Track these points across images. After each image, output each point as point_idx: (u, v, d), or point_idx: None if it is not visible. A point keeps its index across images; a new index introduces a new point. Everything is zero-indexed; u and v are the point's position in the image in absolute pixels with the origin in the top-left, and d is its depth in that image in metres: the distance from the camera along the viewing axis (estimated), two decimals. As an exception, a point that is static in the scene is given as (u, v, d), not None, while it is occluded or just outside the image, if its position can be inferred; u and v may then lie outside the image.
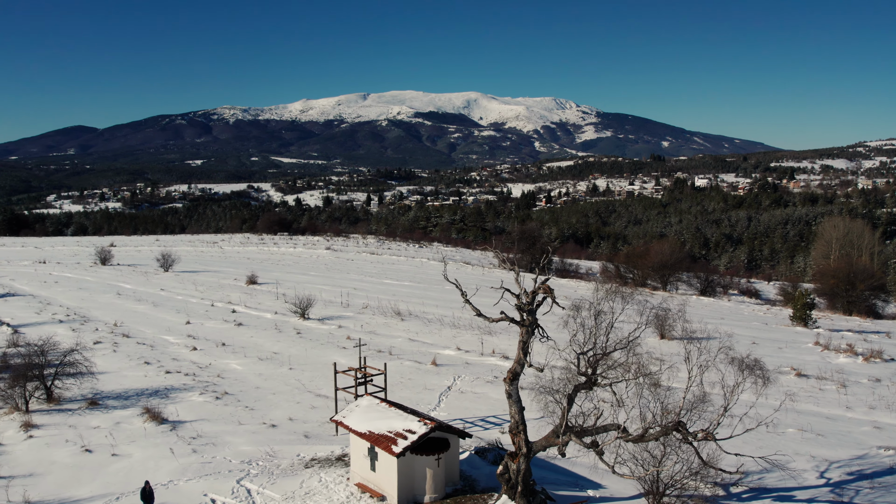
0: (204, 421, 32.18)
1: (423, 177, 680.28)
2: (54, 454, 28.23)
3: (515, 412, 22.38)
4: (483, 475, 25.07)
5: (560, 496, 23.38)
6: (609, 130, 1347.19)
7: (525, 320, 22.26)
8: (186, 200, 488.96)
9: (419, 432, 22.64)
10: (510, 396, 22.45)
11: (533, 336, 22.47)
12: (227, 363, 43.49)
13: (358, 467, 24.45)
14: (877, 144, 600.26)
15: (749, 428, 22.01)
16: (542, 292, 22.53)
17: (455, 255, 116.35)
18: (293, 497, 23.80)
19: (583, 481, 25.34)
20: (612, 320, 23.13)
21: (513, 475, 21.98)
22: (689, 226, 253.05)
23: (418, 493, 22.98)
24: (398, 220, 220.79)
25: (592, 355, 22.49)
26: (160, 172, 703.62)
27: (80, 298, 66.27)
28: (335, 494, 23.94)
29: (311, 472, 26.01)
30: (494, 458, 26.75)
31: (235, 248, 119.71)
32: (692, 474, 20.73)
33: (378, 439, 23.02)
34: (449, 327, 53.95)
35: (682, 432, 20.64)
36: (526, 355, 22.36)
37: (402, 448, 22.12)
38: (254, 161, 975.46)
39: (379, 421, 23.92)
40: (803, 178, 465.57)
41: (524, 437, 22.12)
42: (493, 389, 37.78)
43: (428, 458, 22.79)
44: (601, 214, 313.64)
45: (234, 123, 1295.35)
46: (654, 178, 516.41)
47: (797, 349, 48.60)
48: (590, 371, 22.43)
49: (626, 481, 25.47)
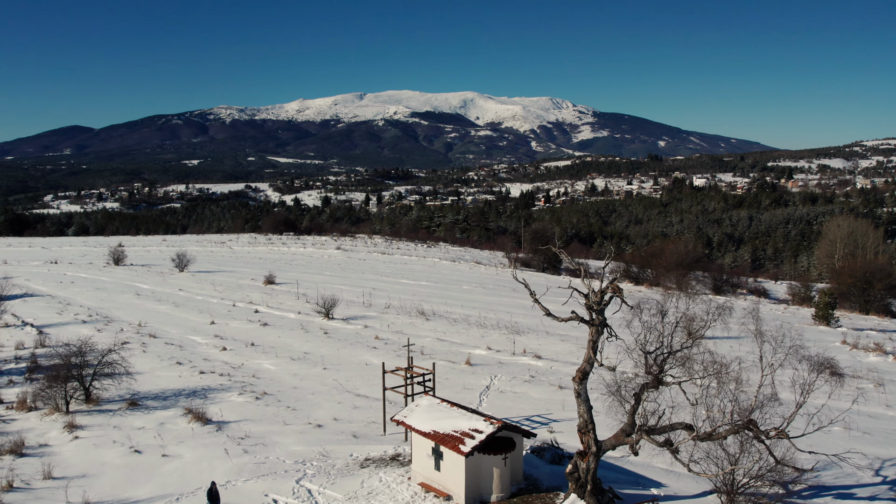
0: (248, 421, 32.13)
1: (421, 177, 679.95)
2: (104, 455, 28.16)
3: (584, 411, 22.37)
4: (544, 474, 25.07)
5: (625, 494, 23.37)
6: (605, 130, 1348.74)
7: (594, 319, 22.24)
8: (184, 200, 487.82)
9: (486, 432, 22.61)
10: (579, 395, 22.43)
11: (602, 335, 22.40)
12: (260, 363, 43.42)
13: (420, 467, 24.41)
14: (873, 144, 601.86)
15: (820, 426, 21.98)
16: (610, 291, 22.51)
17: (465, 256, 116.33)
18: (356, 497, 23.76)
19: (643, 479, 25.35)
20: (677, 319, 23.17)
21: (582, 474, 21.98)
22: (690, 225, 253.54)
23: (485, 493, 22.97)
24: (401, 220, 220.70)
25: (660, 354, 22.47)
26: (157, 172, 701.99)
27: (99, 299, 66.09)
28: (399, 494, 23.91)
29: (368, 472, 25.98)
30: (552, 457, 26.76)
31: (245, 249, 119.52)
32: (768, 472, 20.70)
33: (444, 439, 22.99)
34: (476, 327, 53.92)
35: (754, 430, 20.64)
36: (596, 354, 22.28)
37: (471, 448, 22.09)
38: (250, 161, 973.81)
39: (443, 420, 23.88)
40: (801, 178, 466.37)
41: (593, 436, 22.13)
42: (532, 389, 37.77)
43: (495, 458, 22.77)
44: (601, 214, 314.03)
45: (230, 123, 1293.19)
46: (652, 177, 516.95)
47: (825, 348, 48.58)
48: (656, 370, 22.41)
49: (686, 479, 25.54)
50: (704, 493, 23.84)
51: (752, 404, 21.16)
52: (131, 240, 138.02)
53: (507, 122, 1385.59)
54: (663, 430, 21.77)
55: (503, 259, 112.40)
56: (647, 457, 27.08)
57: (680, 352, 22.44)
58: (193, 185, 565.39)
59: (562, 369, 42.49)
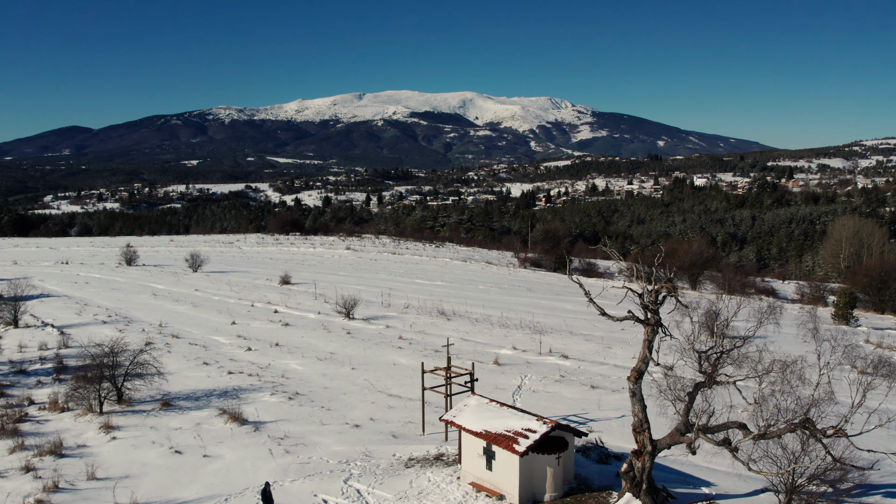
0: (285, 421, 32.10)
1: (421, 177, 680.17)
2: (144, 456, 28.11)
3: (639, 410, 22.34)
4: (592, 473, 25.06)
5: (677, 493, 23.35)
6: (604, 130, 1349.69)
7: (650, 319, 22.21)
8: (185, 201, 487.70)
9: (540, 431, 22.59)
10: (634, 395, 22.40)
11: (657, 334, 22.38)
12: (287, 363, 43.40)
13: (470, 466, 24.38)
14: (872, 143, 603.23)
15: (879, 424, 21.99)
16: (664, 290, 22.49)
17: (474, 256, 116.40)
18: (406, 497, 23.73)
19: (690, 478, 25.34)
20: (729, 318, 23.18)
21: (637, 473, 21.97)
22: (693, 225, 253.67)
23: (538, 493, 22.95)
24: (406, 220, 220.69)
25: (713, 353, 22.45)
26: (156, 173, 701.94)
27: (116, 299, 66.03)
28: (450, 494, 23.88)
29: (414, 472, 25.95)
30: (598, 456, 26.75)
31: (254, 249, 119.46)
32: (828, 471, 20.69)
33: (496, 438, 22.97)
34: (498, 327, 53.90)
35: (811, 429, 20.63)
36: (651, 353, 22.25)
37: (525, 447, 22.07)
38: (250, 161, 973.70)
39: (494, 420, 23.86)
40: (802, 178, 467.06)
41: (648, 435, 22.10)
42: (564, 389, 37.76)
43: (548, 457, 22.76)
44: (604, 214, 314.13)
45: (229, 123, 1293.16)
46: (653, 177, 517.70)
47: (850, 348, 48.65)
48: (710, 369, 22.38)
49: (734, 478, 25.54)
50: (756, 492, 23.84)
51: (809, 402, 21.14)
52: (138, 240, 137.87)
53: (506, 122, 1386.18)
54: (717, 429, 21.77)
55: (512, 259, 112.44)
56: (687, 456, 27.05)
57: (733, 350, 22.43)
58: (193, 186, 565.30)
59: (590, 369, 42.50)
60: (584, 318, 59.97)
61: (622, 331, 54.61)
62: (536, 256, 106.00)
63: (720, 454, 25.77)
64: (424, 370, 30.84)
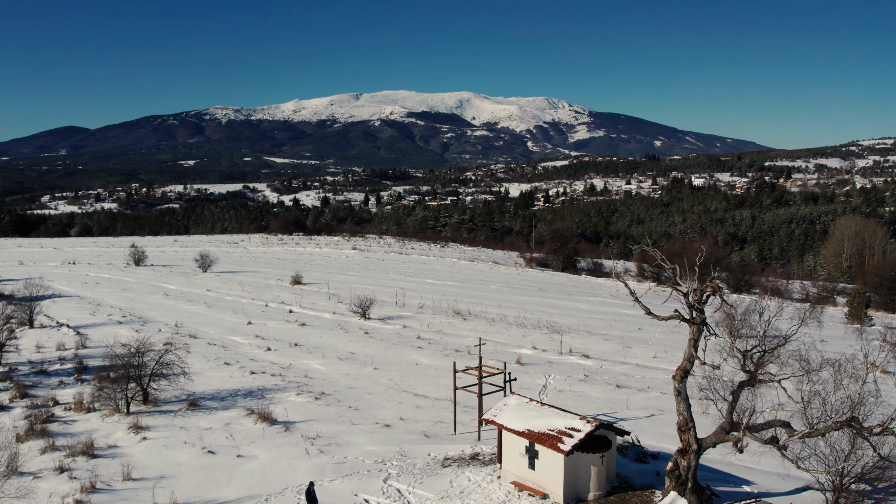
0: (315, 421, 32.07)
1: (418, 177, 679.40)
2: (177, 456, 28.07)
3: (684, 409, 22.35)
4: (632, 472, 25.09)
5: (720, 492, 23.38)
6: (601, 130, 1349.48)
7: (695, 318, 22.22)
8: (182, 201, 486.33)
9: (585, 430, 22.62)
10: (679, 394, 22.42)
11: (702, 334, 22.38)
12: (308, 363, 43.38)
13: (512, 466, 24.37)
14: (869, 143, 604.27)
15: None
16: (710, 290, 22.51)
17: (480, 256, 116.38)
18: (448, 496, 23.71)
19: (730, 477, 25.38)
20: (770, 318, 23.19)
21: (683, 471, 22.00)
22: (693, 225, 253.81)
23: (581, 491, 22.96)
24: (407, 220, 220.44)
25: (756, 352, 22.47)
26: (153, 173, 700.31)
27: (128, 299, 65.90)
28: (492, 493, 23.87)
29: (452, 471, 25.94)
30: (636, 455, 26.79)
31: (260, 249, 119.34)
32: (875, 469, 20.70)
33: (540, 437, 22.97)
34: (515, 327, 53.92)
35: (856, 427, 20.64)
36: (697, 352, 22.25)
37: (570, 446, 22.09)
38: (247, 161, 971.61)
39: (536, 419, 23.86)
40: (800, 178, 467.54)
41: (694, 434, 22.12)
42: (589, 388, 37.79)
43: (592, 456, 22.77)
44: (603, 214, 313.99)
45: (226, 123, 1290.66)
46: (650, 177, 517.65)
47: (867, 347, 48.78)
48: (753, 368, 22.40)
49: (773, 477, 25.61)
50: (797, 490, 23.89)
51: (855, 401, 21.14)
52: (142, 240, 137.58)
53: (503, 121, 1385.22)
54: (761, 428, 21.78)
55: (518, 259, 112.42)
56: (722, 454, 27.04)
57: (776, 349, 22.43)
58: (191, 186, 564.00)
59: (612, 368, 42.54)
60: (599, 317, 60.03)
61: (639, 330, 54.75)
62: (543, 256, 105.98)
63: (759, 453, 25.82)
64: (456, 370, 30.78)
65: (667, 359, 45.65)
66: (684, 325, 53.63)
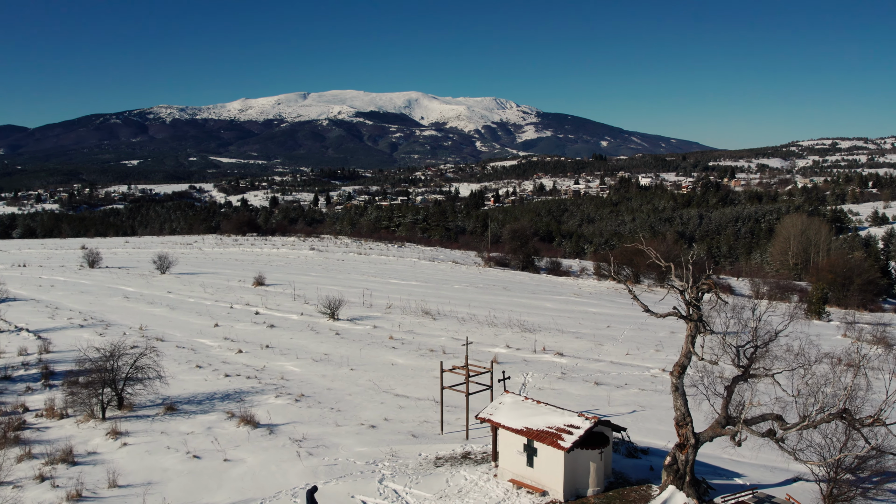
0: (299, 423, 31.78)
1: (368, 177, 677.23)
2: (162, 461, 27.53)
3: (681, 405, 22.73)
4: (627, 467, 25.43)
5: (715, 485, 23.82)
6: (549, 130, 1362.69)
7: (692, 315, 22.61)
8: (127, 201, 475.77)
9: (584, 427, 22.86)
10: (676, 389, 22.78)
11: (699, 330, 22.77)
12: (282, 365, 42.95)
13: (509, 464, 24.48)
14: (809, 144, 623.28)
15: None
16: (706, 287, 22.93)
17: (439, 255, 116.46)
18: (447, 496, 23.71)
19: (721, 470, 25.87)
20: (760, 315, 23.71)
21: (681, 466, 22.39)
22: (643, 224, 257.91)
23: (580, 487, 23.19)
24: (360, 221, 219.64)
25: (750, 347, 22.95)
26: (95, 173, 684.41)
27: (87, 302, 64.27)
28: (490, 491, 23.95)
29: (446, 471, 25.93)
30: (627, 450, 27.14)
31: (215, 250, 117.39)
32: (868, 459, 21.32)
33: (539, 435, 23.14)
34: (487, 326, 54.12)
35: (848, 419, 21.24)
36: (694, 348, 22.62)
37: (571, 443, 22.30)
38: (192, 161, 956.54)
39: (534, 417, 24.02)
40: (743, 177, 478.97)
41: (691, 429, 22.51)
42: (569, 386, 38.18)
43: (591, 452, 23.02)
44: (554, 213, 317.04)
45: (170, 123, 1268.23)
46: (598, 177, 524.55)
47: (831, 341, 50.23)
48: (747, 363, 22.87)
49: (762, 469, 26.22)
50: (788, 482, 24.48)
51: (846, 394, 21.74)
52: (91, 242, 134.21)
53: (451, 122, 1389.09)
54: (754, 421, 22.28)
55: (476, 258, 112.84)
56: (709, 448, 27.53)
57: (768, 344, 22.94)
58: (136, 186, 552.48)
59: (588, 366, 43.03)
60: (567, 315, 60.64)
61: (608, 328, 55.49)
62: (501, 256, 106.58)
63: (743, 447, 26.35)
64: (443, 369, 30.77)
65: (639, 356, 46.39)
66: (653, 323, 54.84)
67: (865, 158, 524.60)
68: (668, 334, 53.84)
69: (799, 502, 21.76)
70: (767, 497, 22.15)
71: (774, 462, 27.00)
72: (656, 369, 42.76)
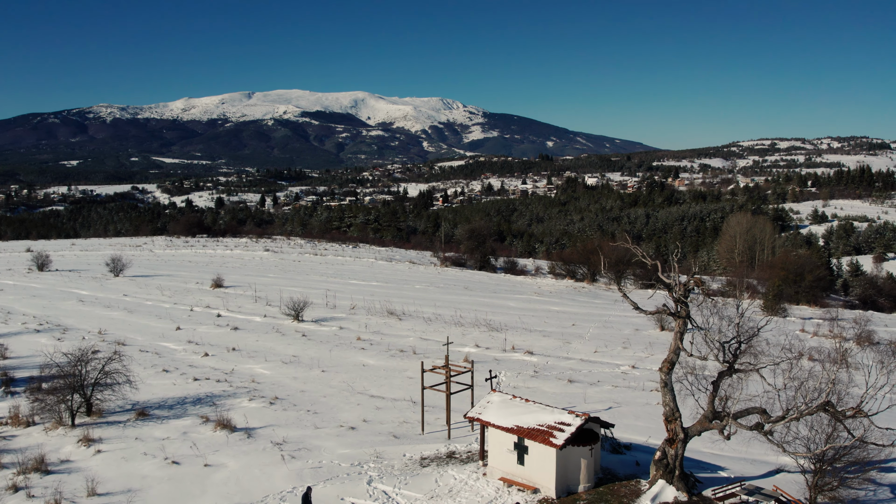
0: (277, 426, 31.45)
1: (314, 177, 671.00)
2: (140, 468, 26.99)
3: (670, 400, 23.13)
4: (614, 463, 25.75)
5: (701, 478, 24.27)
6: (495, 130, 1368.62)
7: (680, 312, 23.01)
8: (67, 203, 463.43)
9: (575, 424, 23.09)
10: (665, 385, 23.17)
11: (687, 327, 23.18)
12: (251, 368, 42.42)
13: (499, 462, 24.59)
14: (749, 144, 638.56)
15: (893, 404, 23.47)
16: (693, 285, 23.35)
17: (396, 256, 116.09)
18: (438, 496, 23.72)
19: (705, 464, 26.38)
20: (743, 311, 24.26)
21: (671, 460, 22.78)
22: (591, 223, 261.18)
23: (572, 484, 23.43)
24: (311, 221, 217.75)
25: (733, 343, 23.45)
26: (33, 174, 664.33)
27: (40, 306, 62.37)
28: (481, 490, 24.02)
29: (433, 471, 25.94)
30: (612, 447, 27.48)
31: (167, 252, 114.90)
32: (851, 449, 21.94)
33: (530, 433, 23.29)
34: (453, 325, 54.19)
35: (831, 411, 21.87)
36: (682, 345, 23.04)
37: (563, 440, 22.50)
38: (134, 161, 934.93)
39: (524, 415, 24.17)
40: (686, 177, 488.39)
41: (680, 424, 22.92)
42: (543, 384, 38.51)
43: (582, 449, 23.27)
44: (503, 213, 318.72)
45: (111, 122, 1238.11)
46: (545, 176, 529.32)
47: (793, 336, 51.48)
48: (731, 359, 23.37)
49: (743, 462, 26.81)
50: (770, 474, 25.09)
51: (829, 387, 22.36)
52: (36, 244, 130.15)
53: (398, 122, 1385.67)
54: (739, 415, 22.79)
55: (433, 258, 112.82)
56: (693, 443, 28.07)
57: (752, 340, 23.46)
58: (76, 187, 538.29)
59: (558, 364, 43.43)
60: (531, 314, 61.08)
61: (573, 326, 56.04)
62: (458, 255, 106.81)
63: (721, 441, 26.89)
64: (424, 369, 30.76)
65: (608, 353, 46.99)
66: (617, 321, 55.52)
67: (803, 158, 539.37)
68: (632, 331, 54.60)
69: (787, 493, 22.30)
70: (756, 488, 22.65)
71: (755, 455, 27.67)
72: (626, 366, 43.36)
